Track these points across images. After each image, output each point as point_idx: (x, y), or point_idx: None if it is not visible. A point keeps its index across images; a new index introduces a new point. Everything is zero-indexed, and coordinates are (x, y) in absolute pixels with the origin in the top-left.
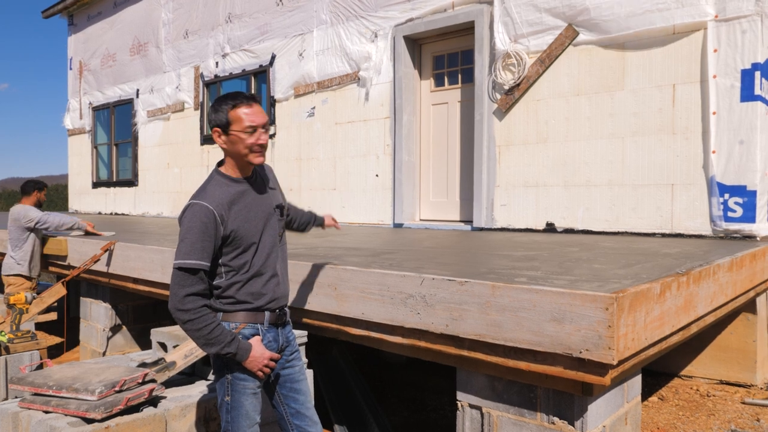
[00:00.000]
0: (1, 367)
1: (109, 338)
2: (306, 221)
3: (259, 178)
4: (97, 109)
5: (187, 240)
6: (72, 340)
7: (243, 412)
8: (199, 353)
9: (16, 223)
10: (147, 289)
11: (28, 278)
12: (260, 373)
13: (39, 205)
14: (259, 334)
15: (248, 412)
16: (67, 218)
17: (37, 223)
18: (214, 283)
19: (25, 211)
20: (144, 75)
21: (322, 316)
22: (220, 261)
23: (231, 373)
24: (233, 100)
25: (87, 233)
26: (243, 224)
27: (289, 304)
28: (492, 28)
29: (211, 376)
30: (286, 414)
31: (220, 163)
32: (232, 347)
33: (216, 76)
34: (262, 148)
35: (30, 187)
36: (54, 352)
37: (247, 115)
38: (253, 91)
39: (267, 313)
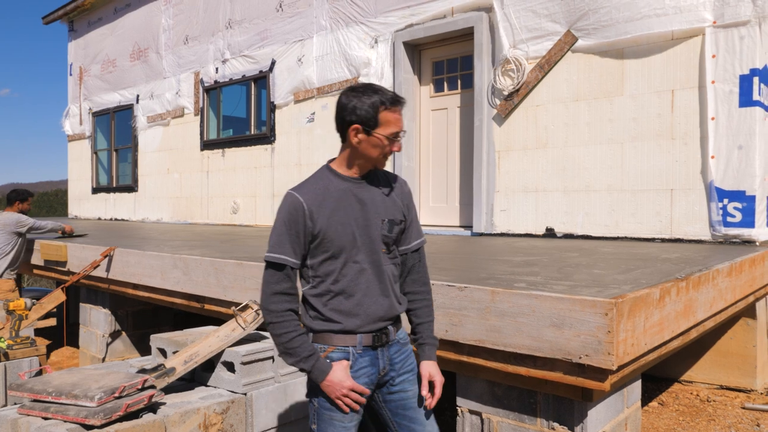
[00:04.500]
0: (0, 373)
1: (108, 344)
2: (417, 324)
3: (375, 183)
4: (97, 115)
5: (274, 232)
6: (70, 346)
7: None
8: (199, 359)
9: (6, 228)
10: (147, 294)
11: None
12: (340, 403)
13: (24, 214)
14: (349, 359)
15: None
16: (55, 223)
17: (32, 227)
18: (302, 289)
19: (16, 216)
20: (144, 81)
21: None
22: (308, 262)
23: (317, 400)
24: (383, 96)
25: (64, 234)
26: (335, 226)
27: None
28: (491, 33)
29: (211, 382)
30: None
31: (332, 159)
32: (307, 363)
33: (216, 81)
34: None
35: (12, 197)
36: (52, 347)
37: (398, 121)
38: (252, 97)
39: (360, 336)
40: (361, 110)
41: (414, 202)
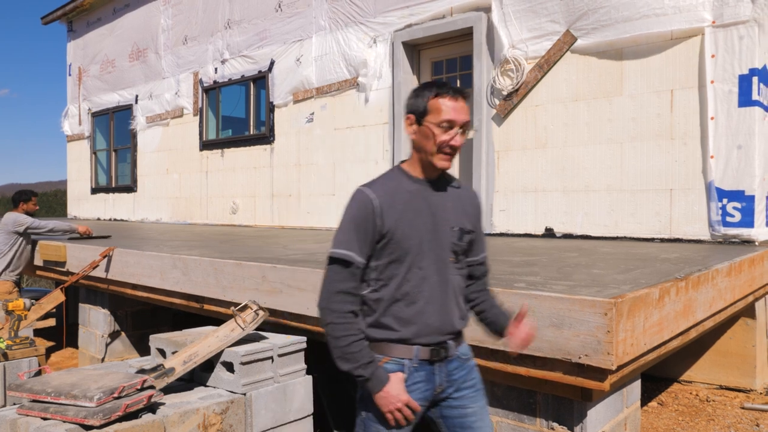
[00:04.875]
0: None
1: (107, 344)
2: (492, 318)
3: (446, 189)
4: (96, 115)
5: (341, 228)
6: (69, 346)
7: None
8: (198, 359)
9: (5, 228)
10: (146, 295)
11: (15, 284)
12: (390, 417)
13: (29, 214)
14: (404, 372)
15: None
16: (59, 223)
17: (29, 227)
18: (362, 293)
19: (15, 216)
20: (143, 81)
21: (321, 322)
22: (371, 264)
23: (367, 412)
24: (439, 88)
25: (81, 236)
26: (403, 227)
27: (294, 311)
28: (490, 33)
29: (210, 382)
30: None
31: (404, 161)
32: (366, 371)
33: (215, 82)
34: (453, 151)
35: (16, 198)
36: (53, 348)
37: (448, 108)
38: (251, 97)
39: (417, 348)
40: (414, 101)
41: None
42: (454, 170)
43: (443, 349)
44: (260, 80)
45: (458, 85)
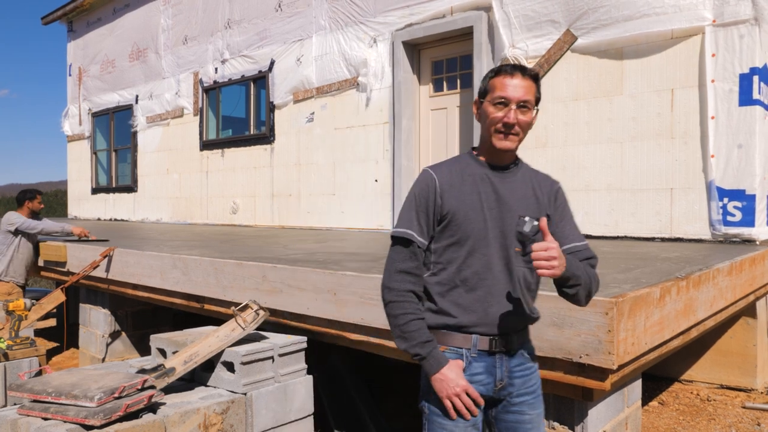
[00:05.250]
0: (0, 373)
1: (108, 344)
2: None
3: (518, 176)
4: (96, 115)
5: (404, 208)
6: (70, 346)
7: None
8: (198, 359)
9: (2, 228)
10: (146, 295)
11: (19, 285)
12: (448, 404)
13: (34, 213)
14: (462, 361)
15: None
16: (51, 224)
17: (19, 227)
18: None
19: (8, 216)
20: (143, 81)
21: (321, 322)
22: (431, 246)
23: (428, 405)
24: (501, 67)
25: (79, 239)
26: (465, 210)
27: (294, 310)
28: (491, 33)
29: (211, 382)
30: None
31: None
32: (423, 350)
33: (215, 81)
34: (507, 129)
35: (20, 197)
36: (53, 348)
37: (502, 84)
38: (251, 97)
39: (475, 337)
40: (481, 83)
41: (568, 204)
42: None
43: (504, 340)
44: (260, 80)
45: (458, 84)
